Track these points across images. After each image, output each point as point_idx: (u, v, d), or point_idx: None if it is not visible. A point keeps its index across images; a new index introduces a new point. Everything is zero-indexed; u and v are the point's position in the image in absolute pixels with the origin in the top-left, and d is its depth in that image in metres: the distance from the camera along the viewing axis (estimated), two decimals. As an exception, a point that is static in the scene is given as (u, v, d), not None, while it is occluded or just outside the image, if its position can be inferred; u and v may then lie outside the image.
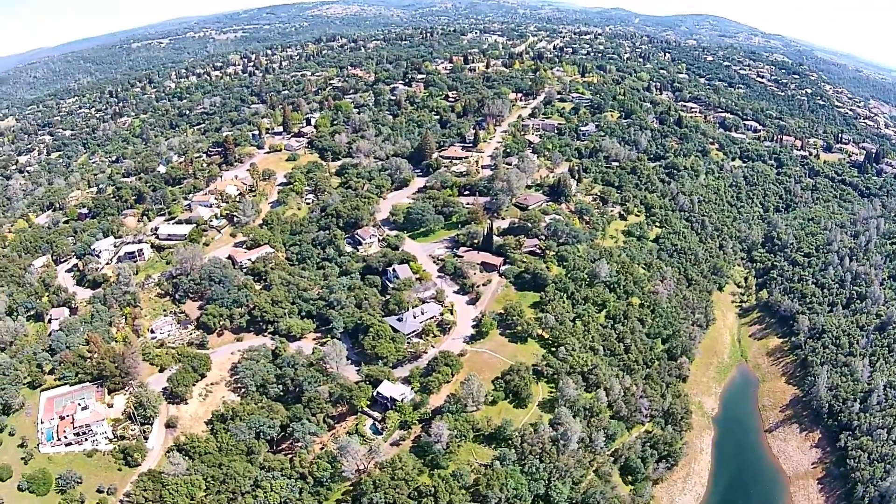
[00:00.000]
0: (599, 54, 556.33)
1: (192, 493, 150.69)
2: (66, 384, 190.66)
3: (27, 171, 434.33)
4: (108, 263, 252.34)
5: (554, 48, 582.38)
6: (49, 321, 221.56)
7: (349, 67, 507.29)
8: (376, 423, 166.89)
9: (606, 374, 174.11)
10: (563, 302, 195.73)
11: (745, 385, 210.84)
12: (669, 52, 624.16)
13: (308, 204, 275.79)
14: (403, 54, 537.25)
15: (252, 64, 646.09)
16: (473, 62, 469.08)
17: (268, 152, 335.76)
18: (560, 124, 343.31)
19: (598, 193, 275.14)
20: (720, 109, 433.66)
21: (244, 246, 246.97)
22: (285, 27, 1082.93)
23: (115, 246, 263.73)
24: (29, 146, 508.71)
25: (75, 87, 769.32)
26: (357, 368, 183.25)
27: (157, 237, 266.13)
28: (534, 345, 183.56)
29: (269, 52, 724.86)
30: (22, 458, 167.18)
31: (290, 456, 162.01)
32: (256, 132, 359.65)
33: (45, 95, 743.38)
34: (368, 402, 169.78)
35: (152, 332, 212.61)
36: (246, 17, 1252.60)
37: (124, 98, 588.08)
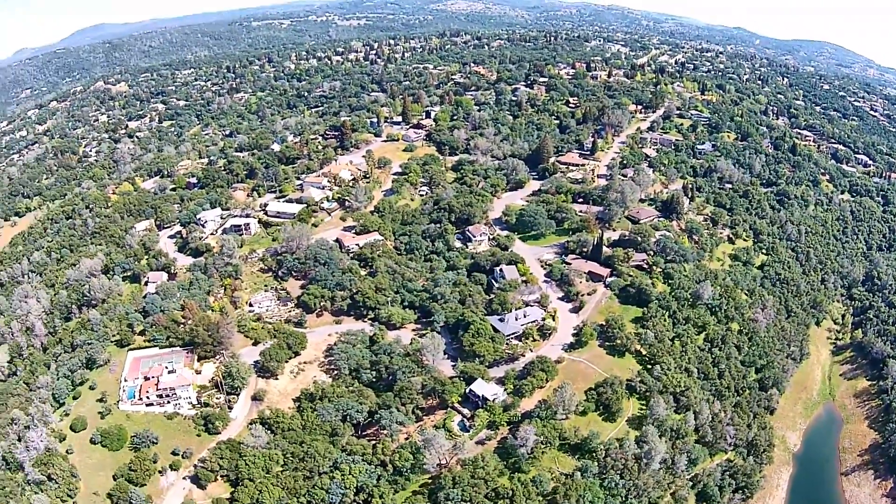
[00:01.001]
0: (719, 73, 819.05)
1: (268, 467, 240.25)
2: (155, 346, 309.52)
3: (137, 137, 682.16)
4: (212, 234, 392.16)
5: (675, 63, 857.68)
6: (145, 283, 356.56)
7: (472, 64, 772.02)
8: (465, 420, 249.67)
9: (698, 397, 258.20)
10: (665, 320, 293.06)
11: (830, 424, 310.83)
12: (787, 77, 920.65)
13: (421, 196, 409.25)
14: (527, 56, 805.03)
15: (374, 52, 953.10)
16: (596, 70, 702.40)
17: (385, 141, 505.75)
18: (677, 140, 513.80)
19: (709, 214, 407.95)
20: (833, 140, 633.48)
21: (353, 231, 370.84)
22: (409, 19, 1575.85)
23: (221, 217, 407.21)
24: (140, 112, 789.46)
25: (191, 59, 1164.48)
26: (453, 364, 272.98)
27: (266, 213, 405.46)
28: (630, 360, 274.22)
29: (392, 41, 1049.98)
30: (99, 413, 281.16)
31: (373, 442, 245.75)
32: (375, 120, 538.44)
33: (160, 65, 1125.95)
34: (460, 399, 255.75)
35: (251, 305, 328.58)
36: (371, 5, 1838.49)
37: (242, 74, 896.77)
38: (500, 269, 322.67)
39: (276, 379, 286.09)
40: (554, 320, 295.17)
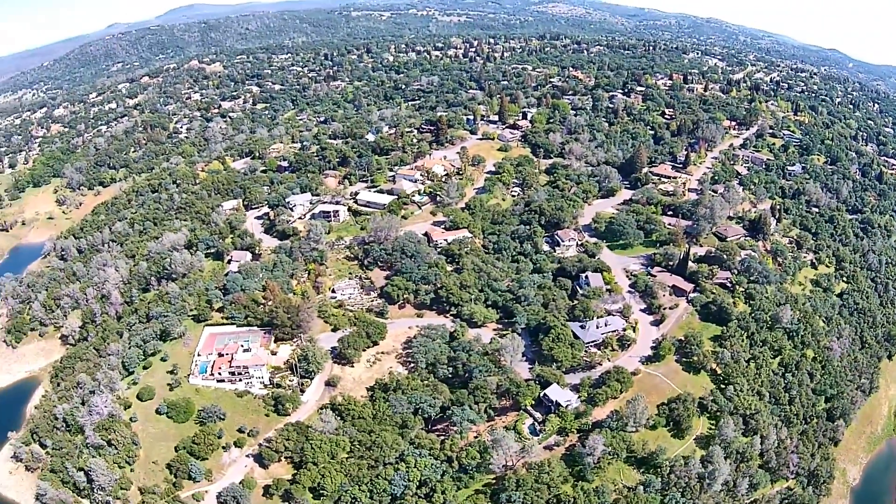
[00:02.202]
0: (812, 94, 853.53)
1: (334, 453, 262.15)
2: (232, 324, 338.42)
3: (229, 117, 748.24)
4: (300, 218, 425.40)
5: (770, 81, 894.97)
6: (228, 262, 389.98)
7: (570, 68, 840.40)
8: (536, 423, 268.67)
9: (767, 421, 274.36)
10: (742, 341, 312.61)
11: (890, 461, 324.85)
12: (878, 104, 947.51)
13: (513, 196, 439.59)
14: (625, 63, 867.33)
15: (474, 50, 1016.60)
16: (692, 82, 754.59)
17: (480, 139, 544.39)
18: (768, 159, 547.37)
19: (795, 237, 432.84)
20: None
21: (442, 226, 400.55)
22: (510, 19, 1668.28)
23: (311, 203, 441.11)
24: (234, 93, 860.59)
25: (289, 44, 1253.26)
26: (530, 367, 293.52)
27: (356, 202, 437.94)
28: (705, 378, 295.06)
29: (491, 40, 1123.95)
30: (168, 384, 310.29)
31: (442, 438, 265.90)
32: (471, 117, 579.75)
33: (257, 48, 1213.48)
34: (533, 402, 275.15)
35: (333, 291, 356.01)
36: (471, 3, 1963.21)
37: (340, 63, 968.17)
38: (586, 276, 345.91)
39: (352, 366, 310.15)
40: (634, 332, 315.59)
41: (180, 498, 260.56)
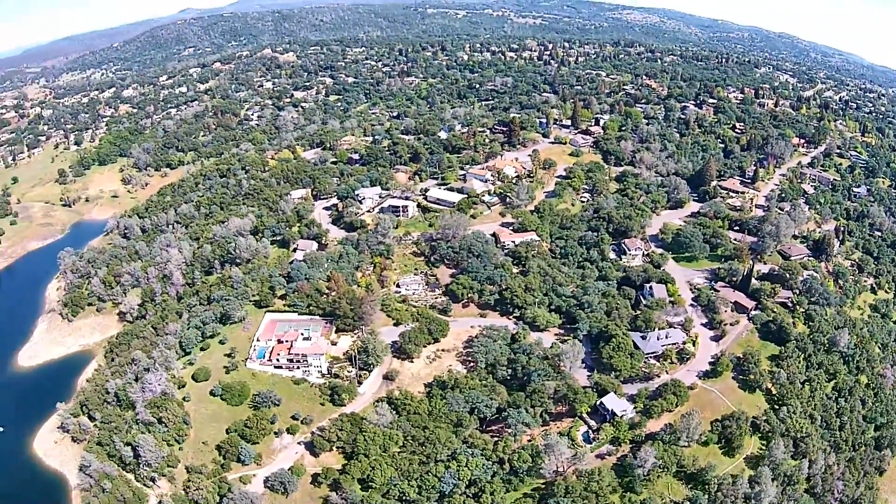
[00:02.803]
0: (880, 115, 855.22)
1: (386, 446, 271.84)
2: (294, 312, 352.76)
3: (301, 107, 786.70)
4: (368, 211, 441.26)
5: (840, 100, 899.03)
6: (294, 250, 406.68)
7: (644, 76, 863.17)
8: (590, 431, 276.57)
9: (816, 446, 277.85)
10: (799, 362, 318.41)
11: None
12: None
13: (583, 202, 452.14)
14: (697, 74, 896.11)
15: (548, 53, 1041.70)
16: (763, 97, 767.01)
17: (552, 142, 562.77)
18: (835, 180, 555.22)
19: (857, 260, 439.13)
20: None
21: (511, 227, 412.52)
22: (585, 24, 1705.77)
23: (380, 196, 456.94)
24: (307, 84, 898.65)
25: (363, 38, 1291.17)
26: (589, 374, 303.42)
27: (426, 198, 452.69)
28: (760, 397, 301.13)
29: (566, 44, 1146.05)
30: (224, 367, 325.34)
31: (496, 439, 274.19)
32: (544, 120, 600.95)
33: (331, 40, 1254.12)
34: (589, 410, 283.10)
35: (398, 286, 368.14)
36: (547, 5, 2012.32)
37: (414, 59, 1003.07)
38: (650, 287, 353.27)
39: (412, 362, 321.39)
40: (694, 346, 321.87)
41: (227, 479, 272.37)
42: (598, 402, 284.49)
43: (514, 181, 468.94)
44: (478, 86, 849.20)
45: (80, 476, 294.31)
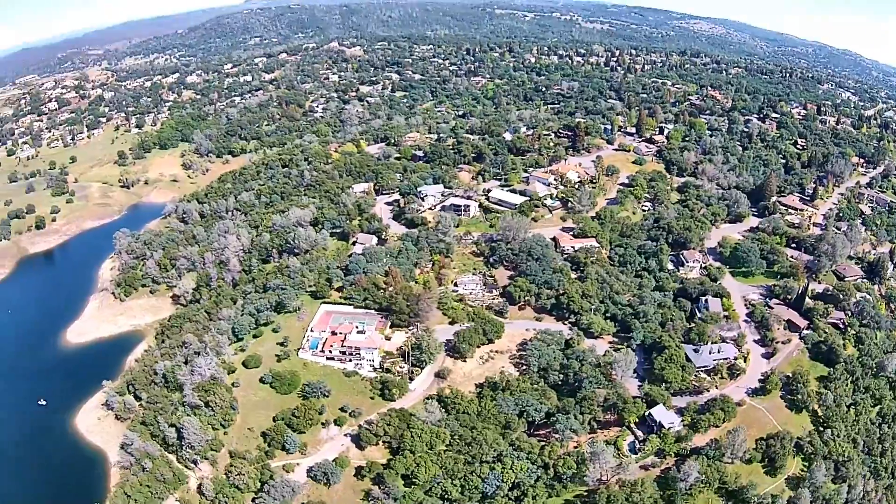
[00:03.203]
0: None
1: (433, 443, 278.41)
2: (350, 305, 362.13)
3: (367, 101, 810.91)
4: (430, 208, 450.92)
5: None
6: (353, 243, 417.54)
7: (708, 87, 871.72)
8: (636, 441, 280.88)
9: (857, 471, 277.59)
10: (847, 385, 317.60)
11: None
12: None
13: (644, 211, 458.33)
14: (761, 88, 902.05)
15: (615, 59, 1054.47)
16: (825, 115, 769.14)
17: (616, 149, 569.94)
18: (892, 202, 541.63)
19: None
20: None
21: (571, 233, 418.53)
22: (651, 32, 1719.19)
23: (442, 194, 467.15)
24: (373, 79, 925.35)
25: (431, 35, 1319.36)
26: (639, 384, 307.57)
27: (488, 199, 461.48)
28: (805, 418, 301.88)
29: (633, 51, 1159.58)
30: (276, 355, 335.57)
31: (542, 443, 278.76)
32: (609, 127, 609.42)
33: (398, 36, 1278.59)
34: (637, 420, 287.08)
35: (455, 285, 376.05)
36: (615, 11, 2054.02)
37: (481, 59, 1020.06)
38: (706, 300, 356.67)
39: (464, 361, 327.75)
40: (745, 362, 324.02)
41: (270, 466, 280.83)
42: (646, 413, 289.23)
43: (576, 186, 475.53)
44: (544, 89, 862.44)
45: (120, 454, 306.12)
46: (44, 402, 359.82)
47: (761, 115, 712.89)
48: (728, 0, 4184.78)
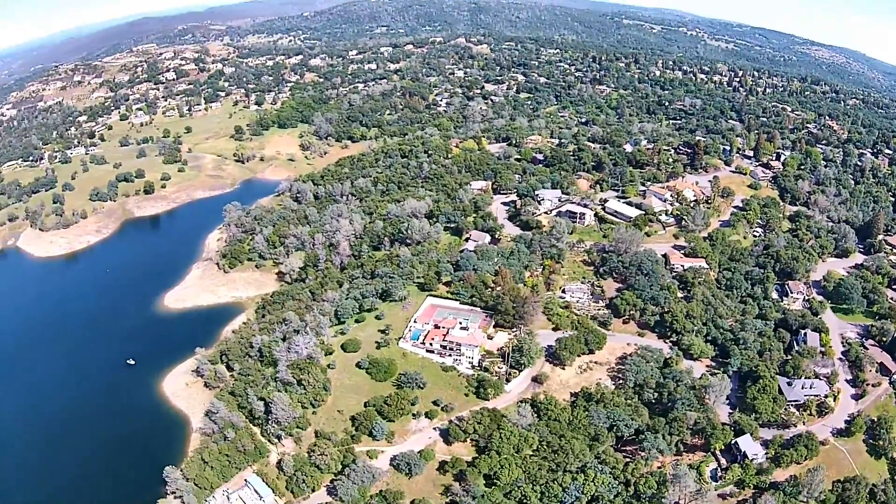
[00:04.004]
0: None
1: (519, 446, 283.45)
2: (456, 300, 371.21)
3: (491, 100, 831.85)
4: (546, 213, 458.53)
5: None
6: (466, 239, 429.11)
7: (826, 117, 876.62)
8: (719, 469, 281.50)
9: None
10: None
11: None
12: None
13: (754, 237, 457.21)
14: (877, 122, 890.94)
15: (738, 80, 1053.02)
16: None
17: (732, 171, 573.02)
18: None
19: None
20: None
21: (682, 251, 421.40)
22: (774, 55, 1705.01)
23: (559, 200, 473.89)
24: (499, 78, 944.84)
25: (558, 40, 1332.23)
26: (730, 411, 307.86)
27: (604, 209, 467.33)
28: (884, 465, 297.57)
29: (755, 73, 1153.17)
30: (376, 342, 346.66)
31: (627, 460, 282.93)
32: (727, 148, 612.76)
33: (526, 37, 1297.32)
34: (722, 447, 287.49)
35: (563, 292, 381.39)
36: (740, 31, 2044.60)
37: (607, 68, 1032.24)
38: (805, 333, 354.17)
39: (563, 369, 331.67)
40: (834, 401, 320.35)
41: (354, 450, 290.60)
42: (732, 442, 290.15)
43: (691, 205, 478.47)
44: (667, 103, 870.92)
45: (204, 420, 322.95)
46: (132, 362, 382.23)
47: (875, 150, 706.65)
48: (848, 29, 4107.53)
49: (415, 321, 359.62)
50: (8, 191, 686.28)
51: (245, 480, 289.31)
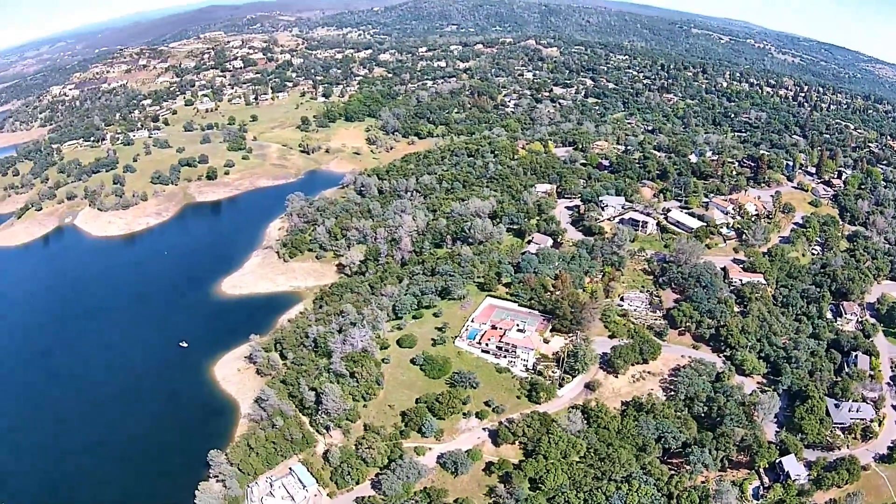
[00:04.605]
0: None
1: (567, 452, 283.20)
2: (514, 302, 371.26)
3: (559, 103, 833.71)
4: (608, 219, 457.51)
5: None
6: (528, 242, 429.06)
7: (888, 136, 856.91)
8: (761, 487, 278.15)
9: None
10: None
11: None
12: None
13: (813, 255, 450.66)
14: None
15: (803, 95, 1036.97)
16: None
17: (794, 187, 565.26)
18: None
19: None
20: None
21: (741, 265, 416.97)
22: (839, 71, 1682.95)
23: (623, 207, 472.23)
24: (567, 81, 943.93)
25: (627, 46, 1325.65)
26: (777, 430, 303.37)
27: (667, 218, 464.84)
28: None
29: (820, 88, 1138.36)
30: (432, 339, 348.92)
31: (672, 472, 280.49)
32: (791, 163, 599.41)
33: (595, 42, 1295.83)
34: (766, 466, 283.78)
35: (622, 299, 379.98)
36: (806, 45, 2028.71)
37: (674, 77, 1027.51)
38: (856, 356, 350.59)
39: (616, 377, 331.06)
40: (880, 426, 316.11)
41: (401, 446, 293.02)
42: (777, 461, 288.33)
43: (752, 219, 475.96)
44: (733, 115, 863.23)
45: (253, 406, 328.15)
46: (185, 345, 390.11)
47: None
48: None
49: (472, 321, 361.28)
50: (67, 169, 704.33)
51: (290, 469, 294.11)
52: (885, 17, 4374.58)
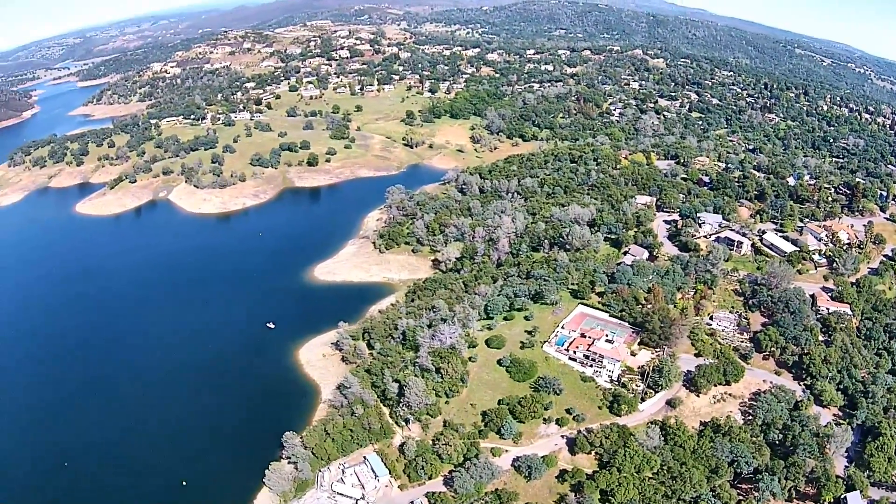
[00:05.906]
0: None
1: (640, 467, 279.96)
2: (606, 312, 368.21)
3: (664, 115, 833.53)
4: (704, 236, 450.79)
5: None
6: (624, 253, 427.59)
7: None
8: None
9: None
10: None
11: None
12: None
13: None
14: None
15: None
16: None
17: (886, 218, 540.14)
18: None
19: None
20: None
21: (829, 294, 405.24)
22: None
23: (719, 225, 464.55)
24: (673, 94, 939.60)
25: (732, 62, 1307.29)
26: (846, 465, 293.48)
27: (762, 240, 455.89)
28: None
29: None
30: (521, 342, 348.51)
31: (740, 498, 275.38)
32: (885, 193, 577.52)
33: (701, 56, 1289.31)
34: (832, 500, 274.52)
35: (711, 318, 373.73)
36: None
37: (777, 96, 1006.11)
38: None
39: (698, 396, 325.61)
40: None
41: (478, 445, 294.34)
42: (842, 496, 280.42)
43: (844, 247, 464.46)
44: (832, 140, 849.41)
45: (334, 393, 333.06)
46: (272, 326, 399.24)
47: None
48: None
49: (562, 327, 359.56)
50: (165, 145, 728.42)
51: (364, 457, 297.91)
52: None
